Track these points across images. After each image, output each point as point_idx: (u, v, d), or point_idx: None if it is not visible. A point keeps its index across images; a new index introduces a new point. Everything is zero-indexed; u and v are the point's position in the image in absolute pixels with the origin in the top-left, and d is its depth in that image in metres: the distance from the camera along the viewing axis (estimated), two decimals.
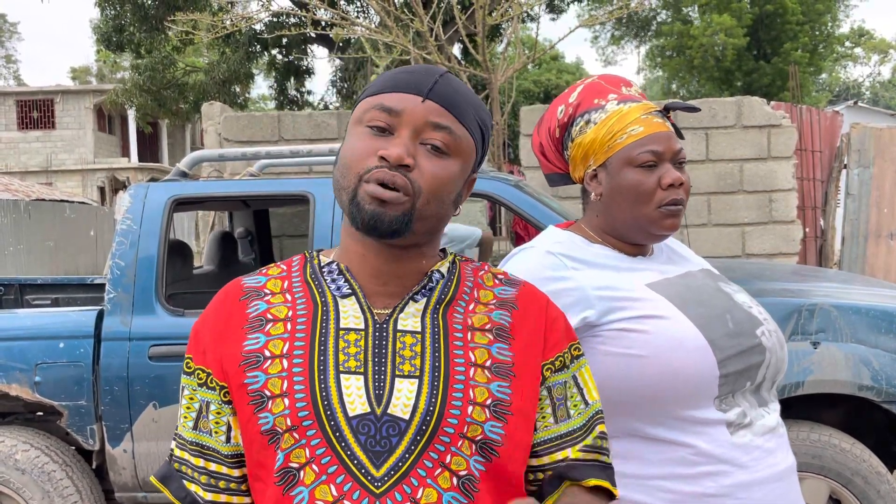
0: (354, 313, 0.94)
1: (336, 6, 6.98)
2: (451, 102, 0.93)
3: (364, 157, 0.90)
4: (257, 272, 1.02)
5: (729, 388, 1.19)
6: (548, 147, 1.38)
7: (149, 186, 3.07)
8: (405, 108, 0.91)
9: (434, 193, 0.90)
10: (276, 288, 0.98)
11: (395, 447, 0.86)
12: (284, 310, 0.95)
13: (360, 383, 0.88)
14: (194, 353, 0.97)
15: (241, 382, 0.91)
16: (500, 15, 7.29)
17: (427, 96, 0.91)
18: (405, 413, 0.87)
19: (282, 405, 0.88)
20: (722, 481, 1.16)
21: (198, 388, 0.96)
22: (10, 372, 2.85)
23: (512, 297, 0.98)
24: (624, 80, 1.35)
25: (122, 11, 13.40)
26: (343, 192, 0.92)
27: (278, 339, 0.92)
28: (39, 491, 2.85)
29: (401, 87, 0.92)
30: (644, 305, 1.20)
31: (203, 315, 1.00)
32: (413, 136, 0.90)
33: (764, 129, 6.39)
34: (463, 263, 1.02)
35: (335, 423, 0.86)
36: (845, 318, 2.66)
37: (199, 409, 0.96)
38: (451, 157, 0.92)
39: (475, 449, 0.88)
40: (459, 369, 0.91)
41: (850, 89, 38.92)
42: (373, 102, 0.93)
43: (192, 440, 0.97)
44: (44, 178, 24.94)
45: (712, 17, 20.55)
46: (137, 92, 14.37)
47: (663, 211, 1.25)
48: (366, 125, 0.92)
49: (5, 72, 43.11)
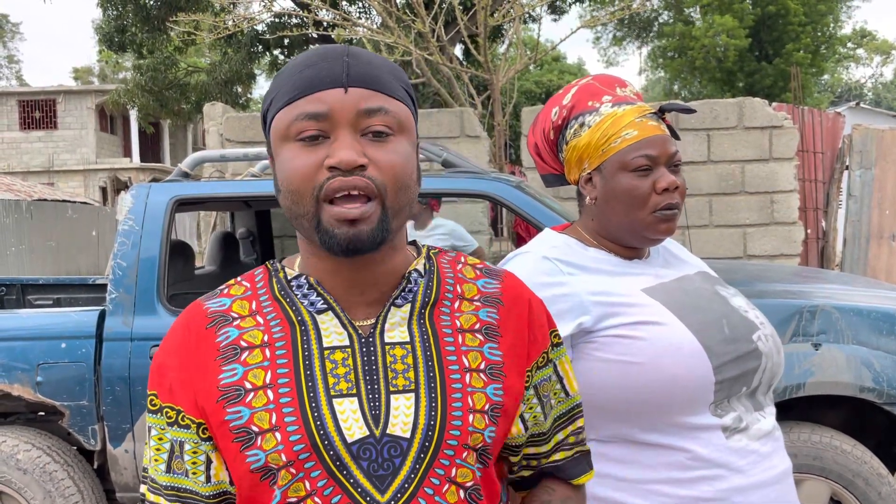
0: (336, 329, 0.87)
1: (338, 7, 6.99)
2: (374, 80, 0.85)
3: (311, 175, 0.82)
4: (218, 293, 0.93)
5: (724, 393, 1.19)
6: (543, 148, 1.37)
7: (150, 187, 3.07)
8: (331, 107, 0.82)
9: (398, 183, 0.83)
10: (244, 310, 0.89)
11: (399, 468, 0.82)
12: (259, 334, 0.87)
13: (354, 405, 0.83)
14: (159, 390, 0.89)
15: (221, 420, 0.84)
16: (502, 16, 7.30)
17: (348, 84, 0.83)
18: (405, 431, 0.83)
19: (273, 440, 0.81)
20: (718, 485, 1.16)
21: (167, 428, 0.88)
22: (12, 372, 2.85)
23: (497, 292, 0.94)
24: (619, 80, 1.34)
25: (125, 12, 13.41)
26: (302, 220, 0.84)
27: (258, 369, 0.85)
28: (41, 491, 2.85)
29: (315, 85, 0.83)
30: (640, 311, 1.19)
31: (164, 347, 0.91)
32: (352, 132, 0.83)
33: (766, 130, 6.38)
34: (438, 257, 0.97)
35: (334, 453, 0.81)
36: (847, 320, 2.66)
37: (171, 450, 0.88)
38: (396, 137, 0.85)
39: (476, 457, 0.85)
40: (455, 377, 0.86)
41: (852, 90, 38.88)
42: (292, 113, 0.84)
43: (166, 484, 0.88)
44: (46, 179, 24.98)
45: (714, 18, 20.53)
46: (139, 92, 14.40)
47: (658, 216, 1.24)
48: (295, 139, 0.83)
49: (7, 72, 43.18)
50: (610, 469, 1.19)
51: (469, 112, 6.25)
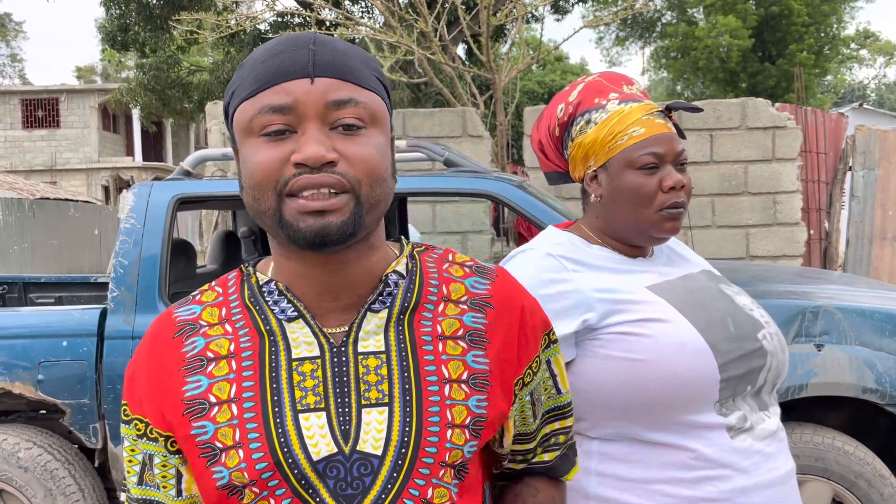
0: (306, 339, 0.82)
1: (340, 6, 6.98)
2: (343, 69, 0.79)
3: (275, 170, 0.76)
4: (190, 299, 0.89)
5: (729, 392, 1.18)
6: (547, 145, 1.36)
7: (152, 185, 3.07)
8: (297, 99, 0.76)
9: (372, 176, 0.78)
10: (214, 318, 0.85)
11: (370, 488, 0.77)
12: (226, 343, 0.83)
13: (321, 421, 0.78)
14: (130, 402, 0.86)
15: (187, 434, 0.80)
16: (505, 15, 7.30)
17: (315, 74, 0.77)
18: (377, 448, 0.78)
19: (236, 458, 0.77)
20: (722, 486, 1.15)
21: (138, 440, 0.85)
22: (14, 370, 2.85)
23: (486, 294, 0.87)
24: (625, 78, 1.33)
25: (128, 11, 13.44)
26: (264, 217, 0.78)
27: (224, 381, 0.81)
28: (42, 489, 2.85)
29: (280, 75, 0.77)
30: (645, 308, 1.18)
31: (135, 356, 0.88)
32: (320, 125, 0.77)
33: (768, 130, 6.37)
34: (423, 255, 0.90)
35: (299, 471, 0.77)
36: (849, 321, 2.65)
37: (143, 462, 0.85)
38: (368, 129, 0.79)
39: (453, 473, 0.80)
40: (433, 388, 0.80)
41: (855, 91, 38.83)
42: (255, 105, 0.78)
43: (138, 497, 0.86)
44: (48, 177, 25.01)
45: (717, 19, 20.52)
46: (142, 91, 14.43)
47: (664, 214, 1.23)
48: (259, 134, 0.78)
49: (10, 71, 43.26)
50: (613, 468, 1.18)
51: (471, 112, 6.25)
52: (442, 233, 6.00)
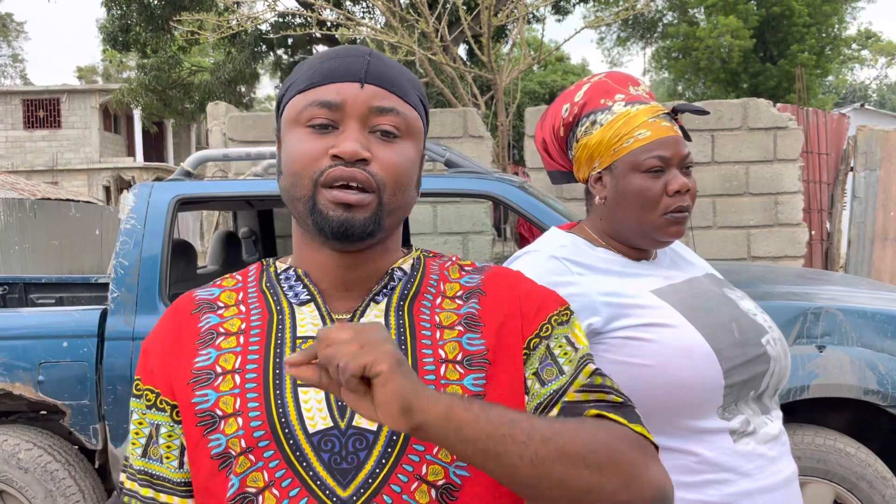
0: (312, 320, 0.87)
1: (341, 6, 6.98)
2: (390, 81, 0.86)
3: (314, 160, 0.83)
4: (211, 284, 0.96)
5: (733, 397, 1.18)
6: (551, 145, 1.35)
7: (153, 186, 3.07)
8: (345, 99, 0.84)
9: (397, 182, 0.84)
10: (230, 300, 0.91)
11: (364, 463, 0.79)
12: (238, 322, 0.88)
13: (320, 396, 0.82)
14: (142, 373, 0.91)
15: (188, 402, 0.85)
16: (506, 16, 7.29)
17: (365, 80, 0.85)
18: (372, 423, 0.80)
19: (235, 425, 0.81)
20: (725, 489, 1.15)
21: (147, 411, 0.89)
22: (14, 371, 2.85)
23: (478, 284, 0.92)
24: (632, 78, 1.32)
25: (129, 11, 13.44)
26: (298, 202, 0.85)
27: (230, 354, 0.86)
28: (42, 490, 2.85)
29: (334, 77, 0.85)
30: (650, 313, 1.18)
31: (152, 332, 0.94)
32: (361, 127, 0.84)
33: (770, 131, 6.37)
34: (429, 259, 0.96)
35: (294, 442, 0.80)
36: (851, 322, 2.65)
37: (149, 434, 0.89)
38: (403, 140, 0.86)
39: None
40: (429, 367, 0.83)
41: (856, 92, 38.81)
42: (307, 99, 0.85)
43: (140, 469, 0.89)
44: (49, 178, 25.03)
45: (718, 19, 20.50)
46: (143, 91, 14.42)
47: (669, 218, 1.23)
48: (305, 125, 0.85)
49: (12, 71, 43.29)
50: None
51: (472, 112, 6.25)
52: (443, 233, 6.00)
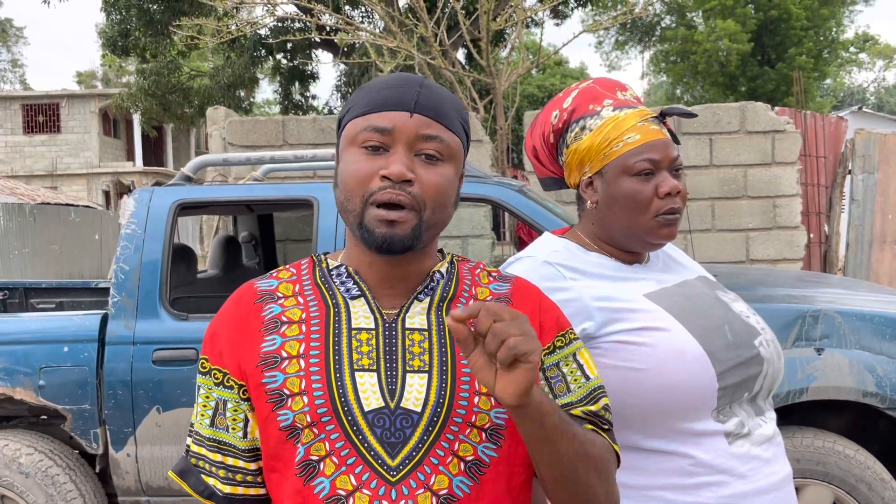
0: (364, 314, 0.99)
1: (341, 11, 6.99)
2: (436, 112, 0.98)
3: (366, 179, 0.95)
4: (268, 275, 1.07)
5: (727, 399, 1.18)
6: (542, 151, 1.36)
7: (153, 191, 3.08)
8: (395, 126, 0.96)
9: (437, 202, 0.96)
10: (288, 291, 1.03)
11: (409, 438, 0.92)
12: (298, 312, 1.00)
13: (373, 380, 0.94)
14: (210, 354, 1.02)
15: (258, 382, 0.96)
16: (505, 20, 7.31)
17: (414, 110, 0.96)
18: (417, 406, 0.93)
19: (301, 403, 0.93)
20: (720, 491, 1.16)
21: (214, 388, 1.01)
22: (15, 375, 2.85)
23: (506, 293, 1.04)
24: (619, 84, 1.33)
25: (128, 16, 13.46)
26: (349, 215, 0.97)
27: (294, 341, 0.97)
28: (43, 495, 2.85)
29: (388, 105, 0.97)
30: (643, 317, 1.19)
31: (218, 317, 1.05)
32: (408, 151, 0.96)
33: (768, 134, 6.38)
34: (460, 263, 1.08)
35: (352, 418, 0.92)
36: (849, 325, 2.66)
37: (216, 407, 1.01)
38: (444, 163, 0.98)
39: (485, 436, 0.94)
40: (465, 362, 0.95)
41: (854, 95, 38.86)
42: (363, 124, 0.97)
43: (209, 437, 1.01)
44: (49, 182, 25.03)
45: (717, 23, 20.55)
46: (142, 96, 14.43)
47: (660, 220, 1.24)
48: (360, 146, 0.97)
49: (11, 76, 43.28)
50: None
51: (471, 116, 6.26)
52: (443, 237, 6.01)
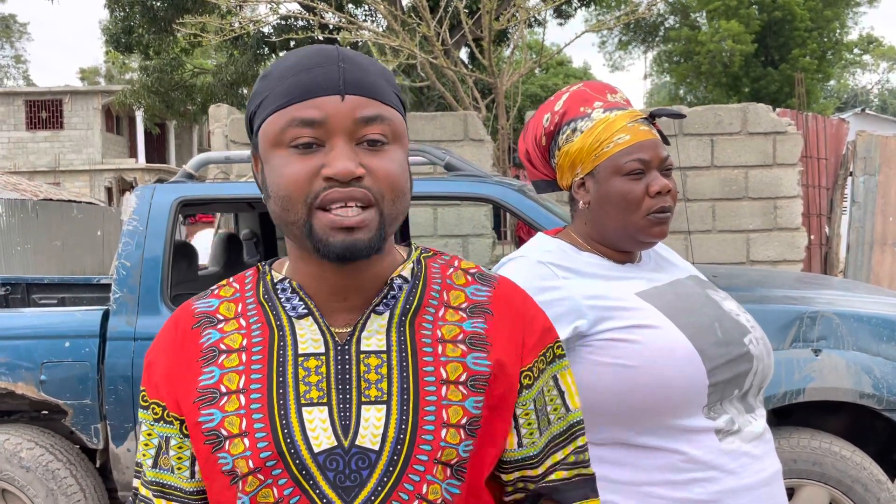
0: (313, 336, 0.86)
1: (343, 10, 7.00)
2: (369, 87, 0.83)
3: (305, 183, 0.80)
4: (209, 293, 0.94)
5: (717, 396, 1.20)
6: (534, 154, 1.38)
7: (155, 188, 3.09)
8: (328, 114, 0.80)
9: (395, 191, 0.82)
10: (230, 313, 0.90)
11: (367, 481, 0.80)
12: (239, 338, 0.87)
13: (323, 415, 0.82)
14: (148, 387, 0.91)
15: (195, 420, 0.85)
16: (507, 20, 7.31)
17: (345, 91, 0.81)
18: (374, 443, 0.81)
19: (241, 446, 0.82)
20: (711, 487, 1.17)
21: (155, 424, 0.90)
22: (16, 370, 2.87)
23: (486, 301, 0.90)
24: (609, 86, 1.36)
25: (132, 13, 13.48)
26: (292, 227, 0.82)
27: (233, 373, 0.85)
28: (44, 489, 2.87)
29: (310, 91, 0.81)
30: (634, 315, 1.20)
31: (154, 345, 0.93)
32: (348, 141, 0.81)
33: (769, 135, 6.38)
34: (430, 260, 0.94)
35: (300, 462, 0.81)
36: (847, 326, 2.66)
37: (158, 446, 0.90)
38: (391, 145, 0.83)
39: (450, 472, 0.83)
40: (430, 388, 0.83)
41: (858, 97, 38.81)
42: (285, 119, 0.81)
43: (152, 479, 0.90)
44: (52, 178, 25.05)
45: (720, 23, 20.53)
46: (145, 93, 14.45)
47: (651, 219, 1.26)
48: (288, 146, 0.81)
49: (15, 72, 43.33)
50: (604, 471, 1.20)
51: (473, 115, 6.27)
52: (443, 236, 6.02)
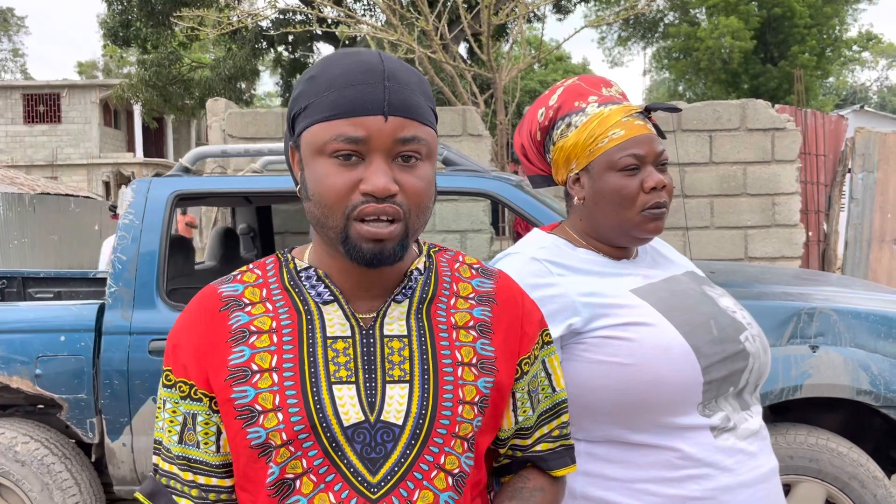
0: (340, 320, 0.93)
1: (342, 4, 6.99)
2: (409, 108, 0.88)
3: (345, 194, 0.87)
4: (231, 278, 0.99)
5: (713, 393, 1.19)
6: (530, 149, 1.37)
7: (151, 181, 3.08)
8: (370, 134, 0.86)
9: (420, 206, 0.89)
10: (255, 297, 0.96)
11: (391, 453, 0.88)
12: (268, 321, 0.93)
13: (352, 392, 0.89)
14: (173, 367, 0.95)
15: (227, 397, 0.90)
16: (506, 14, 7.30)
17: (388, 113, 0.87)
18: (398, 419, 0.89)
19: (275, 420, 0.87)
20: (706, 484, 1.17)
21: (181, 401, 0.95)
22: (12, 364, 2.86)
23: (490, 292, 1.00)
24: (604, 80, 1.34)
25: (129, 6, 13.45)
26: (329, 231, 0.89)
27: (265, 352, 0.91)
28: (39, 483, 2.86)
29: (356, 109, 0.86)
30: (629, 312, 1.19)
31: (178, 326, 0.97)
32: (385, 158, 0.87)
33: (768, 132, 6.38)
34: (438, 255, 1.03)
35: (331, 434, 0.87)
36: (845, 323, 2.66)
37: (184, 422, 0.95)
38: (423, 161, 0.90)
39: (466, 446, 0.91)
40: (447, 370, 0.92)
41: (857, 93, 38.82)
42: (330, 133, 0.87)
43: (178, 454, 0.95)
44: (49, 172, 25.02)
45: (720, 20, 20.50)
46: (143, 87, 14.41)
47: (647, 214, 1.25)
48: (329, 155, 0.87)
49: (12, 66, 43.22)
50: (600, 469, 1.19)
51: (472, 111, 6.26)
52: (441, 231, 6.01)
